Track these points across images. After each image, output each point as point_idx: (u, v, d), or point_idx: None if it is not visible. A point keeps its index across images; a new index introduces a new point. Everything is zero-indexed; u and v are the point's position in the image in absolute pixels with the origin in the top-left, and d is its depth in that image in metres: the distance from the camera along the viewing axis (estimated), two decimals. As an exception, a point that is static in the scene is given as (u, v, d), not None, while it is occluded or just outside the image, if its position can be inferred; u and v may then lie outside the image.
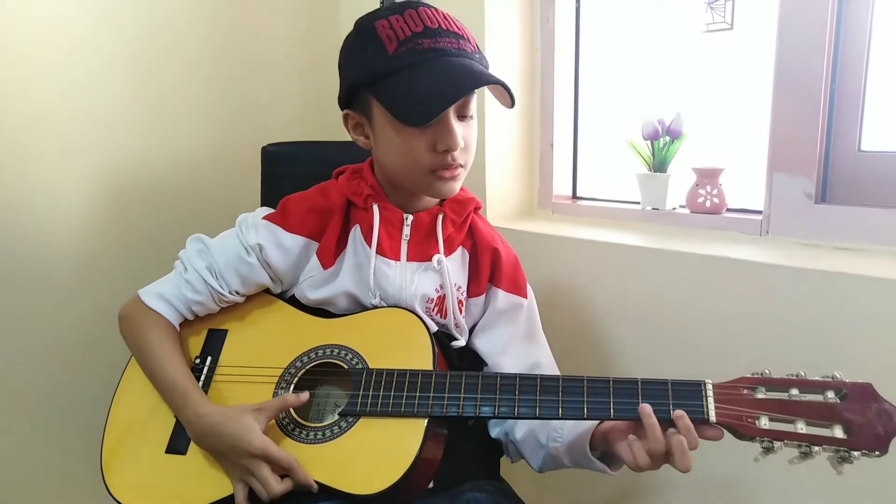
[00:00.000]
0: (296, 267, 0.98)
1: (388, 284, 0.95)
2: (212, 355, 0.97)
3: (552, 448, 0.92)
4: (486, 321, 1.00)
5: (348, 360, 0.91)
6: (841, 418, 0.72)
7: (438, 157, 0.89)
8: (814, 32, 1.02)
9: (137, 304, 0.97)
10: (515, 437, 0.97)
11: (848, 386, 0.74)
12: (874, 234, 1.01)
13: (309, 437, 0.87)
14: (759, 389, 0.76)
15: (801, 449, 0.72)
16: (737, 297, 1.04)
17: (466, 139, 0.90)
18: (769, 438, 0.73)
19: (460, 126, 0.89)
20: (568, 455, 0.90)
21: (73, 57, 1.32)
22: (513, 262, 1.02)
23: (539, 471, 0.97)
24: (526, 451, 0.97)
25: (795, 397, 0.75)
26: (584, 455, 0.86)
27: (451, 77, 0.85)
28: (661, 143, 1.26)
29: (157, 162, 1.45)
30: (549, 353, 1.03)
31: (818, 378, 0.76)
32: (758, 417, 0.74)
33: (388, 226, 0.96)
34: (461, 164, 0.91)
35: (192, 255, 0.98)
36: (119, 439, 0.94)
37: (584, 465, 0.88)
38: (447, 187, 0.93)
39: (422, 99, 0.84)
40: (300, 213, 0.98)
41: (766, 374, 0.77)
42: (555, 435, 0.91)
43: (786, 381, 0.76)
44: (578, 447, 0.87)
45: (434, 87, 0.84)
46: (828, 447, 0.71)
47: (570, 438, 0.89)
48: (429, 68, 0.85)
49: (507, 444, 1.00)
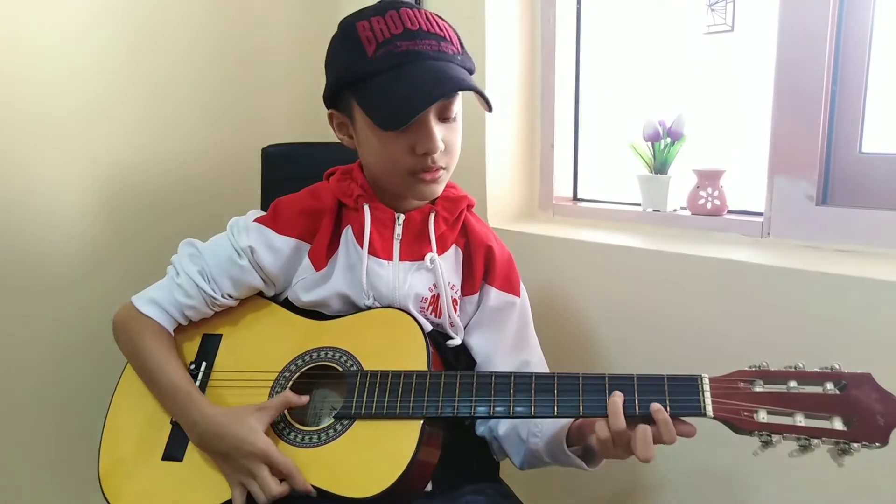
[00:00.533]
0: (288, 269, 0.98)
1: (381, 284, 0.94)
2: (206, 360, 0.97)
3: (532, 444, 0.91)
4: (478, 319, 1.00)
5: (343, 362, 0.90)
6: (840, 410, 0.71)
7: (418, 160, 0.89)
8: (814, 34, 1.01)
9: (131, 310, 0.96)
10: (498, 433, 0.97)
11: (847, 377, 0.73)
12: (875, 237, 1.00)
13: (305, 441, 0.87)
14: (757, 382, 0.75)
15: (800, 442, 0.71)
16: (737, 298, 1.03)
17: (448, 141, 0.90)
18: (768, 432, 0.72)
19: (441, 128, 0.88)
20: (547, 451, 0.90)
21: (73, 60, 1.32)
22: (506, 260, 1.02)
23: (520, 468, 0.97)
24: (508, 447, 0.97)
25: (794, 389, 0.74)
26: (562, 451, 0.86)
27: (425, 82, 0.84)
28: (661, 144, 1.26)
29: (157, 163, 1.45)
30: (540, 353, 1.03)
31: (817, 369, 0.75)
32: (756, 411, 0.73)
33: (379, 226, 0.95)
34: (442, 167, 0.91)
35: (183, 260, 0.97)
36: (116, 447, 0.93)
37: (562, 460, 0.88)
38: (428, 189, 0.92)
39: (396, 104, 0.84)
40: (291, 215, 0.98)
41: (764, 366, 0.76)
42: (535, 430, 0.91)
43: (784, 374, 0.75)
44: (556, 442, 0.87)
45: (408, 92, 0.84)
46: (827, 440, 0.70)
47: (549, 434, 0.89)
48: (404, 72, 0.85)
49: (492, 442, 1.00)
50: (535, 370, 0.99)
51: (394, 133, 0.87)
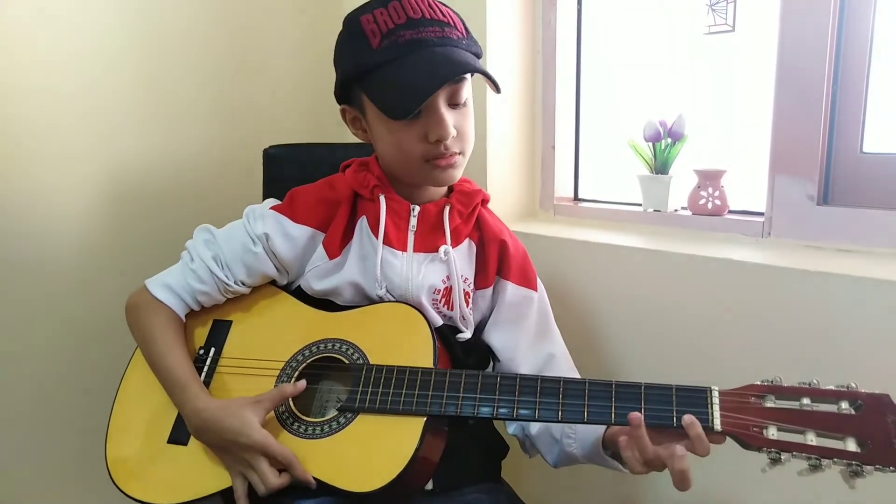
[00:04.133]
0: (302, 257, 0.98)
1: (394, 275, 0.94)
2: (216, 346, 0.98)
3: (566, 445, 0.91)
4: (497, 316, 1.00)
5: (349, 354, 0.91)
6: (855, 431, 0.68)
7: (431, 147, 0.89)
8: (815, 34, 1.01)
9: (144, 294, 0.97)
10: (530, 432, 0.97)
11: (863, 396, 0.70)
12: (876, 236, 1.00)
13: (307, 432, 0.87)
14: (769, 398, 0.73)
15: (810, 462, 0.68)
16: (739, 299, 1.03)
17: (459, 127, 0.90)
18: (777, 449, 0.69)
19: (452, 114, 0.89)
20: (582, 452, 0.90)
21: (76, 60, 1.32)
22: (521, 254, 1.02)
23: (554, 466, 0.96)
24: (541, 446, 0.97)
25: (807, 407, 0.71)
26: (599, 454, 0.86)
27: (430, 68, 0.85)
28: (662, 144, 1.26)
29: (159, 164, 1.45)
30: (563, 345, 1.03)
31: (832, 387, 0.72)
32: (766, 427, 0.71)
33: (394, 217, 0.96)
34: (457, 152, 0.91)
35: (198, 245, 0.98)
36: (123, 428, 0.94)
37: (599, 462, 0.88)
38: (445, 175, 0.92)
39: (402, 92, 0.84)
40: (308, 204, 0.98)
41: (777, 381, 0.74)
42: (568, 432, 0.91)
43: (797, 390, 0.73)
44: (593, 445, 0.87)
45: (413, 80, 0.84)
46: (839, 461, 0.67)
47: (585, 435, 0.89)
48: (410, 61, 0.85)
49: (524, 440, 1.00)
50: (559, 363, 0.99)
51: (405, 122, 0.88)
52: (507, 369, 0.98)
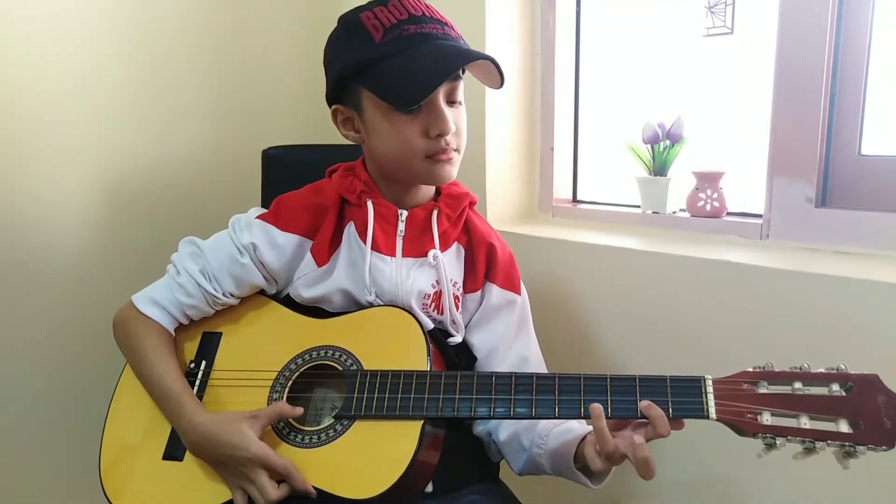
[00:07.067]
0: (290, 266, 0.98)
1: (383, 280, 0.94)
2: (206, 359, 0.97)
3: (535, 454, 0.91)
4: (479, 317, 1.00)
5: (342, 361, 0.90)
6: (846, 412, 0.70)
7: (432, 143, 0.90)
8: (814, 36, 1.02)
9: (131, 309, 0.96)
10: (499, 437, 0.97)
11: (853, 378, 0.72)
12: (875, 238, 1.00)
13: (304, 441, 0.86)
14: (761, 384, 0.74)
15: (804, 445, 0.70)
16: (737, 301, 1.03)
17: (457, 124, 0.91)
18: (772, 435, 0.71)
19: (450, 111, 0.90)
20: (550, 463, 0.90)
21: (74, 60, 1.32)
22: (508, 258, 1.02)
23: (519, 474, 0.97)
24: (508, 453, 0.97)
25: (799, 391, 0.73)
26: (568, 466, 0.86)
27: (440, 56, 0.86)
28: (661, 146, 1.26)
29: (157, 165, 1.45)
30: (538, 350, 1.03)
31: (822, 370, 0.74)
32: (760, 413, 0.72)
33: (382, 222, 0.95)
34: (455, 149, 0.92)
35: (184, 259, 0.97)
36: (117, 445, 0.93)
37: (566, 475, 0.88)
38: (445, 171, 0.93)
39: (413, 80, 0.85)
40: (294, 212, 0.98)
41: (769, 367, 0.75)
42: (539, 441, 0.91)
43: (789, 375, 0.74)
44: (562, 457, 0.87)
45: (425, 68, 0.85)
46: (833, 442, 0.69)
47: (555, 446, 0.89)
48: (417, 52, 0.86)
49: (489, 444, 1.00)
50: (532, 366, 0.99)
51: (406, 118, 0.88)
52: (481, 368, 0.99)
